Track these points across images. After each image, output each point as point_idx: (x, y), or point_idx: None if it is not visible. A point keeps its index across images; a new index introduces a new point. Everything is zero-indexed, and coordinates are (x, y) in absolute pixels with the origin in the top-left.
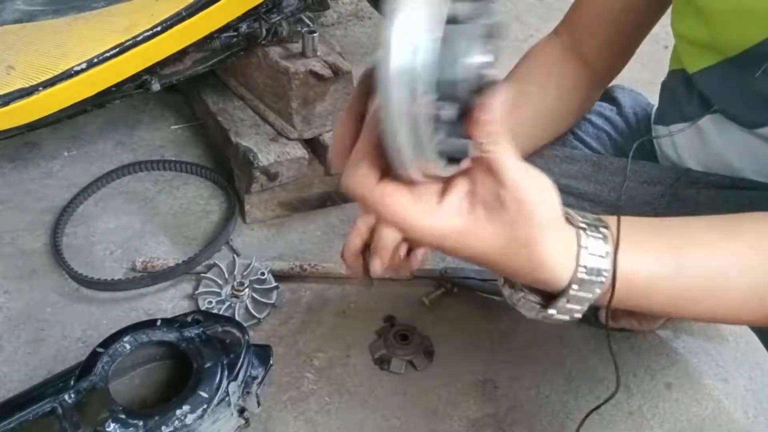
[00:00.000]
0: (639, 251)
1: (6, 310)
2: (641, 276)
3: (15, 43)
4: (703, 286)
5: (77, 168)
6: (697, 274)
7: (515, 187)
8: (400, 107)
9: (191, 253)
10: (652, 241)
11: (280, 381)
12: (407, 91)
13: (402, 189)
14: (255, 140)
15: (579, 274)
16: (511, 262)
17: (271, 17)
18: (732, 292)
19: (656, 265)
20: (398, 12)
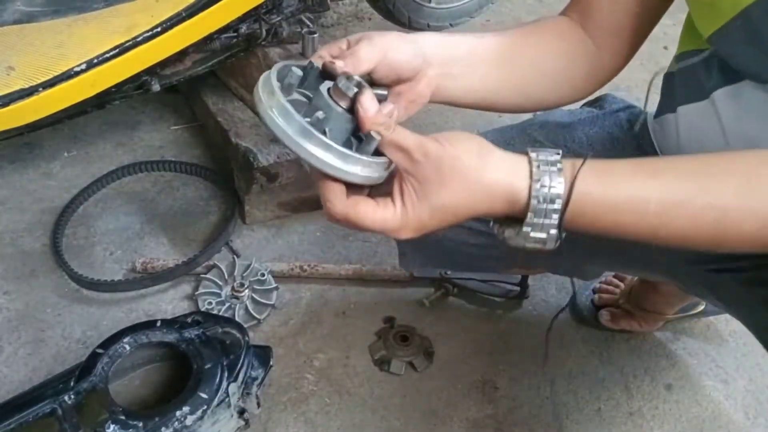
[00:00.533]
0: (600, 176)
1: (6, 311)
2: (596, 197)
3: (15, 44)
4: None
5: (77, 169)
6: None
7: (419, 145)
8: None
9: (191, 253)
10: (618, 168)
11: (280, 382)
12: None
13: (366, 199)
14: (255, 141)
15: (533, 201)
16: (473, 202)
17: (271, 18)
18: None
19: (621, 186)
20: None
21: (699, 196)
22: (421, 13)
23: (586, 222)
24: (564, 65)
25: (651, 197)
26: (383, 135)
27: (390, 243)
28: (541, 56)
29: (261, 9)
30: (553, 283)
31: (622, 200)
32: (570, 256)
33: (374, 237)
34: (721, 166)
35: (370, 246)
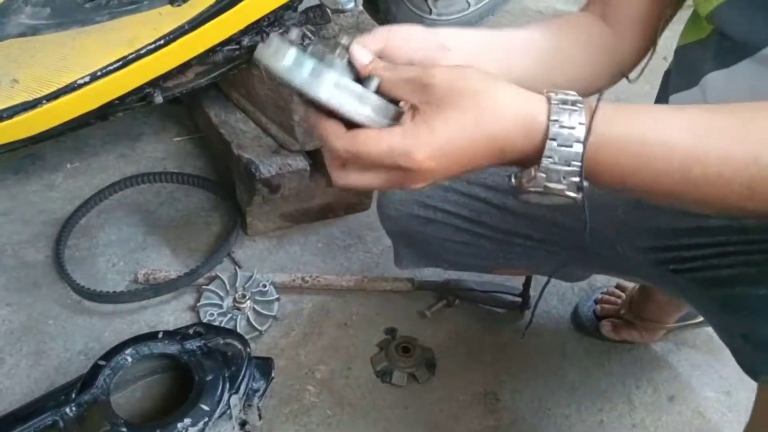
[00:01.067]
0: (621, 112)
1: (8, 323)
2: (620, 134)
3: (19, 57)
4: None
5: (80, 180)
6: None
7: (425, 70)
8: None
9: (193, 265)
10: (640, 106)
11: (282, 394)
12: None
13: (366, 129)
14: (257, 152)
15: (549, 145)
16: (490, 124)
17: (273, 30)
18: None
19: (639, 128)
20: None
21: (733, 127)
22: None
23: (610, 166)
24: (587, 55)
25: (680, 126)
26: (383, 75)
27: (391, 254)
28: (565, 46)
29: (263, 22)
30: (554, 294)
31: (649, 135)
32: (550, 259)
33: (376, 248)
34: (754, 107)
35: (371, 257)
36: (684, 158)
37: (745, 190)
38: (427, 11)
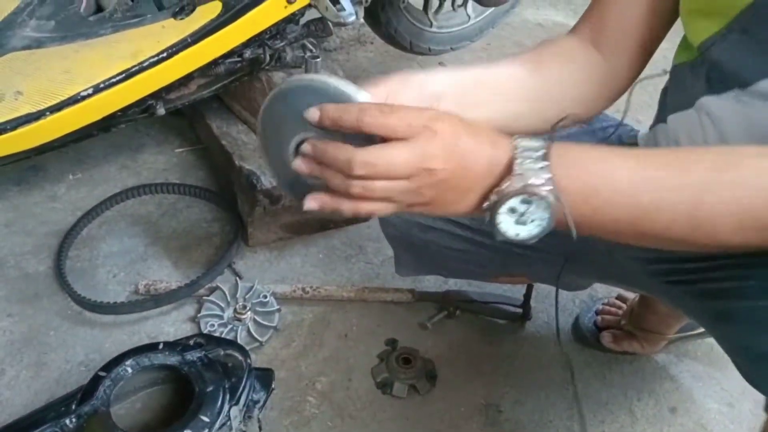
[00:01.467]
0: (576, 162)
1: (9, 334)
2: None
3: (23, 69)
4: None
5: (82, 191)
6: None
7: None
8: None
9: (194, 275)
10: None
11: (282, 405)
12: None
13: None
14: (258, 164)
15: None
16: (474, 143)
17: (274, 43)
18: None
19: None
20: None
21: (674, 174)
22: (423, 37)
23: (570, 212)
24: (578, 86)
25: (629, 179)
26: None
27: (392, 265)
28: (553, 82)
29: (265, 34)
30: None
31: (601, 187)
32: (548, 266)
33: (376, 258)
34: (694, 153)
35: (372, 268)
36: (631, 209)
37: (688, 230)
38: (428, 24)
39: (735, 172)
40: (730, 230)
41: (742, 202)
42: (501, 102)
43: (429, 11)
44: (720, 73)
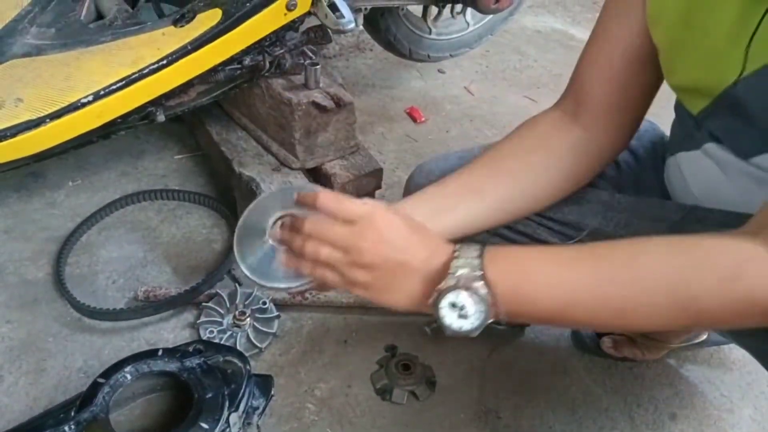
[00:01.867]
0: (508, 262)
1: (8, 340)
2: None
3: (24, 76)
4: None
5: (81, 198)
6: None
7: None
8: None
9: (193, 282)
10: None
11: (281, 412)
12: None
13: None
14: (258, 170)
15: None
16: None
17: (274, 50)
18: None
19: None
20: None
21: (586, 273)
22: (422, 44)
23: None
24: (556, 171)
25: (542, 275)
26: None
27: None
28: (528, 185)
29: (265, 42)
30: None
31: (531, 287)
32: None
33: None
34: (604, 249)
35: None
36: (553, 303)
37: (609, 319)
38: (427, 31)
39: (635, 268)
40: (644, 318)
41: (645, 293)
42: (472, 211)
43: (428, 18)
44: (718, 141)
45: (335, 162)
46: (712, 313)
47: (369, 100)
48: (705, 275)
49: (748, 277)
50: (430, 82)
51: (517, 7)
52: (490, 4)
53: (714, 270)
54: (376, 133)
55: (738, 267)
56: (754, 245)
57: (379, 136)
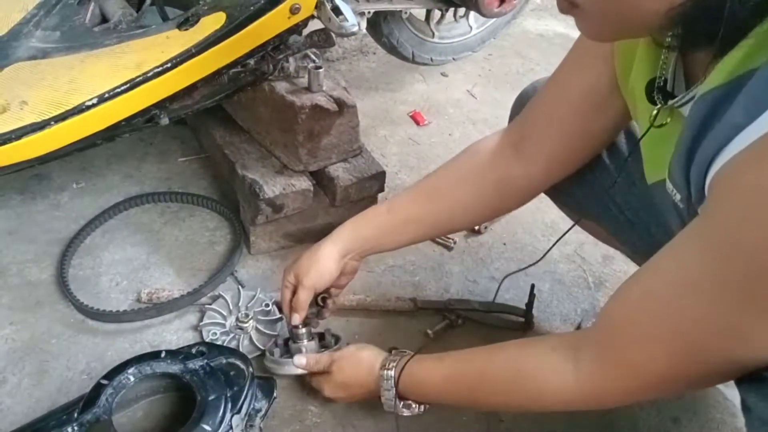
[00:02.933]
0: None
1: (11, 342)
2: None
3: (29, 79)
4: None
5: (85, 200)
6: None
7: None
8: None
9: (196, 284)
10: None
11: (284, 414)
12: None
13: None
14: (261, 172)
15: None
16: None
17: (278, 54)
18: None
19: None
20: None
21: (463, 378)
22: (425, 47)
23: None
24: (487, 201)
25: (437, 386)
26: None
27: (393, 274)
28: (458, 208)
29: (268, 45)
30: (557, 315)
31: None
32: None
33: (378, 267)
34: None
35: (373, 276)
36: (449, 401)
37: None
38: (430, 35)
39: (482, 390)
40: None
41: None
42: (406, 234)
43: (431, 22)
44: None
45: (338, 165)
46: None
47: (372, 103)
48: (521, 397)
49: (548, 399)
50: (432, 86)
51: (520, 11)
52: (493, 8)
53: (528, 394)
54: (379, 136)
55: (544, 392)
56: (564, 372)
57: (381, 139)
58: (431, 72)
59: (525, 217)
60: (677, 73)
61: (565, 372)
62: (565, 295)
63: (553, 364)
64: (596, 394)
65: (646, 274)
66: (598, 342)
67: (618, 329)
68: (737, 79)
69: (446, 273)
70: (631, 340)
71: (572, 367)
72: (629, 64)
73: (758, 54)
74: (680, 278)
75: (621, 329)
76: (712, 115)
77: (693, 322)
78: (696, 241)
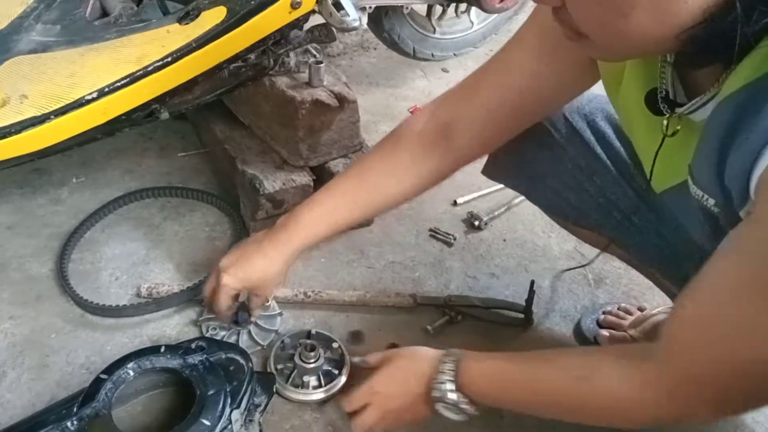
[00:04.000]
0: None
1: (11, 336)
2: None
3: (29, 73)
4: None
5: (85, 194)
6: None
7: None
8: None
9: (196, 279)
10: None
11: (283, 409)
12: None
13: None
14: (261, 168)
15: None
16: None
17: (278, 48)
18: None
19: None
20: None
21: (538, 381)
22: (426, 43)
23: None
24: (415, 180)
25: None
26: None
27: (393, 270)
28: (389, 190)
29: (269, 40)
30: (557, 311)
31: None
32: (643, 250)
33: (378, 263)
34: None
35: (374, 272)
36: (515, 406)
37: (564, 416)
38: (431, 30)
39: (548, 392)
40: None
41: (554, 406)
42: (355, 212)
43: (432, 17)
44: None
45: (338, 160)
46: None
47: (373, 98)
48: (592, 407)
49: (617, 412)
50: (433, 81)
51: (522, 7)
52: (494, 4)
53: (599, 406)
54: (380, 131)
55: (617, 403)
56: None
57: (382, 134)
58: (432, 68)
59: (525, 214)
60: (675, 83)
61: (631, 386)
62: (565, 291)
63: (619, 373)
64: (659, 414)
65: (700, 288)
66: (662, 361)
67: (681, 349)
68: (759, 81)
69: (446, 269)
70: (696, 359)
71: (638, 381)
72: (617, 77)
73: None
74: (737, 286)
75: (684, 349)
76: (739, 119)
77: (757, 331)
78: (751, 246)
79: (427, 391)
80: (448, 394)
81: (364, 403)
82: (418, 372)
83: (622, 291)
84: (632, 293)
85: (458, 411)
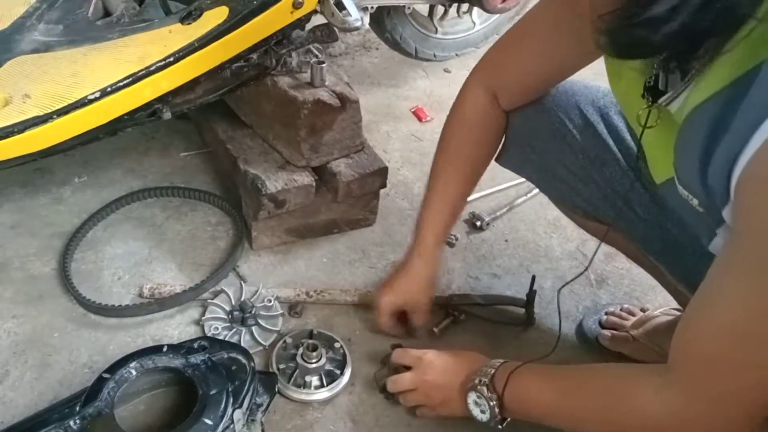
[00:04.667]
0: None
1: (13, 335)
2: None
3: (32, 73)
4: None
5: (87, 194)
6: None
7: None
8: None
9: (198, 279)
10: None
11: (285, 409)
12: None
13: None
14: (263, 168)
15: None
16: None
17: (280, 48)
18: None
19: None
20: None
21: (568, 397)
22: (428, 43)
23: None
24: (491, 149)
25: (542, 398)
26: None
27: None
28: (477, 168)
29: (271, 40)
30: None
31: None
32: (646, 236)
33: (380, 263)
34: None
35: (375, 272)
36: (543, 420)
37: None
38: (433, 30)
39: (581, 408)
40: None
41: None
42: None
43: (434, 18)
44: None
45: (340, 160)
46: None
47: (375, 98)
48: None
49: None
50: (435, 82)
51: (524, 7)
52: (496, 4)
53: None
54: (382, 131)
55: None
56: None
57: (384, 134)
58: (434, 68)
59: (527, 214)
60: (669, 73)
61: (654, 401)
62: (567, 291)
63: (644, 387)
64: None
65: (709, 304)
66: (682, 380)
67: (699, 366)
68: (739, 80)
69: (448, 269)
70: (716, 374)
71: (662, 397)
72: (617, 67)
73: (754, 55)
74: (744, 300)
75: (703, 366)
76: (722, 118)
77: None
78: (750, 258)
79: (466, 381)
80: (483, 388)
81: (410, 387)
82: (465, 367)
83: (624, 291)
84: (634, 294)
85: (486, 408)
